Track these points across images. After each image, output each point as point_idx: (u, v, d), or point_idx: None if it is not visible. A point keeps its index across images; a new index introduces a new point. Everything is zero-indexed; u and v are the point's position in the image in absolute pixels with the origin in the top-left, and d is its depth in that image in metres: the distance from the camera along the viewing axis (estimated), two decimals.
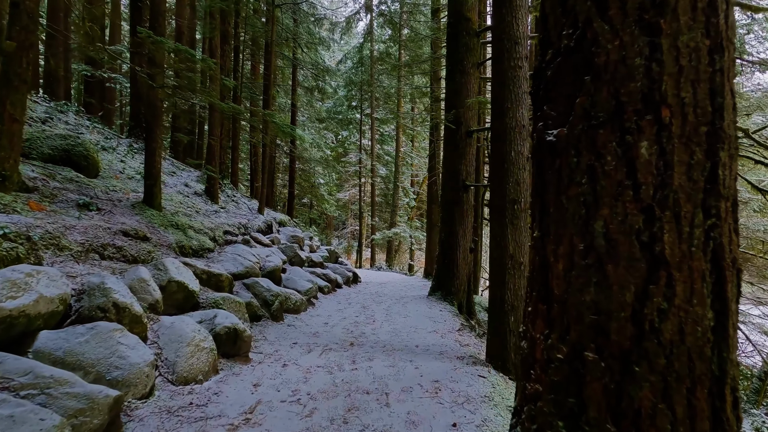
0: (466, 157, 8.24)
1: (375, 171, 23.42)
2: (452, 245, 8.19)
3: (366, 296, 9.03)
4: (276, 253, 7.91)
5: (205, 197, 8.97)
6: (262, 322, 5.68)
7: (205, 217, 7.70)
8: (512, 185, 4.36)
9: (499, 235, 4.38)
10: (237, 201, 10.62)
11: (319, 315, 6.82)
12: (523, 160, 4.42)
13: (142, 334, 3.50)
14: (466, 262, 8.27)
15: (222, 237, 7.28)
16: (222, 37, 10.38)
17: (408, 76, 17.86)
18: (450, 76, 8.42)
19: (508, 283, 4.32)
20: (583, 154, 1.39)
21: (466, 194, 8.20)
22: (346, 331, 5.90)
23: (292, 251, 8.63)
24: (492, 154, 4.56)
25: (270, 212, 11.67)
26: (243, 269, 6.19)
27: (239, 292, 5.69)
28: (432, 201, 15.39)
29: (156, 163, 6.11)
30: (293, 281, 7.42)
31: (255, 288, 5.96)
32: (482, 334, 6.90)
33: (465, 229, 8.20)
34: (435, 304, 8.03)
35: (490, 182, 4.54)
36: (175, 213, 6.78)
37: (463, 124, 8.19)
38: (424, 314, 7.22)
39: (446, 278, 8.25)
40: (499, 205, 4.41)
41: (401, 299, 8.66)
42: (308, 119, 23.07)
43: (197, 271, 5.09)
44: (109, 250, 4.62)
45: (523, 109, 4.43)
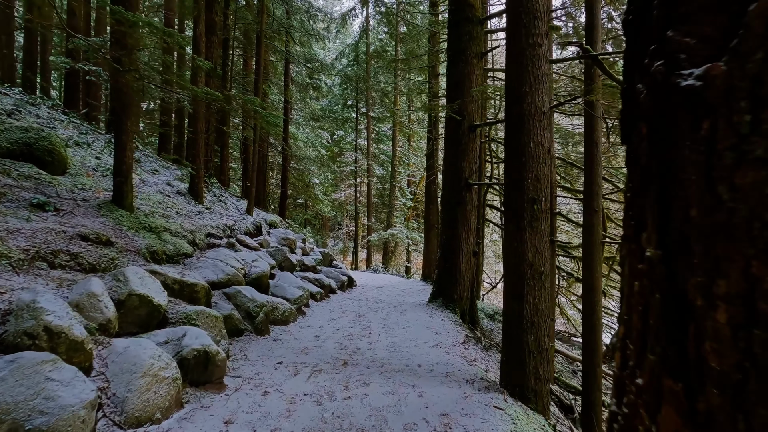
0: (469, 154, 7.59)
1: (371, 171, 22.75)
2: (454, 249, 7.54)
3: (362, 303, 8.35)
4: (264, 257, 7.23)
5: (188, 197, 8.27)
6: (245, 337, 4.99)
7: (186, 218, 7.00)
8: (531, 182, 3.72)
9: (516, 240, 3.73)
10: (225, 201, 9.92)
11: (309, 326, 6.14)
12: (544, 152, 3.77)
13: (84, 365, 2.81)
14: (470, 267, 7.62)
15: (204, 240, 6.59)
16: (208, 28, 9.67)
17: (405, 72, 17.20)
18: (451, 67, 7.78)
19: (526, 296, 3.67)
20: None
21: (469, 193, 7.56)
22: (339, 345, 5.23)
23: (282, 255, 7.95)
24: (507, 146, 3.91)
25: (260, 213, 10.98)
26: (224, 277, 5.50)
27: (218, 304, 5.00)
28: (430, 201, 14.74)
29: (127, 158, 5.42)
30: (282, 288, 6.74)
31: (237, 298, 5.27)
32: (488, 347, 6.26)
33: (468, 231, 7.56)
34: (436, 312, 7.37)
35: (506, 179, 3.89)
36: (150, 214, 6.08)
37: (466, 117, 7.54)
38: (425, 324, 6.56)
39: (448, 284, 7.59)
40: (516, 205, 3.76)
41: (399, 306, 7.99)
42: (303, 118, 22.37)
43: (168, 281, 4.40)
44: (62, 258, 3.92)
45: (543, 93, 3.79)
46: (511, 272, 3.77)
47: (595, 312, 6.10)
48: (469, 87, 7.50)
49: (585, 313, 6.08)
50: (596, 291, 6.13)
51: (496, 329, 8.52)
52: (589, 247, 6.01)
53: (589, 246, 6.02)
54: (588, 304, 6.04)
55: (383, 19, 18.84)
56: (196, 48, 8.49)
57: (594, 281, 6.06)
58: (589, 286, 6.01)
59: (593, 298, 6.01)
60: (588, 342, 5.98)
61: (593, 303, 5.98)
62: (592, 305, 5.98)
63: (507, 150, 3.93)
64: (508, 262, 3.81)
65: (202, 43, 8.54)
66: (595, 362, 6.09)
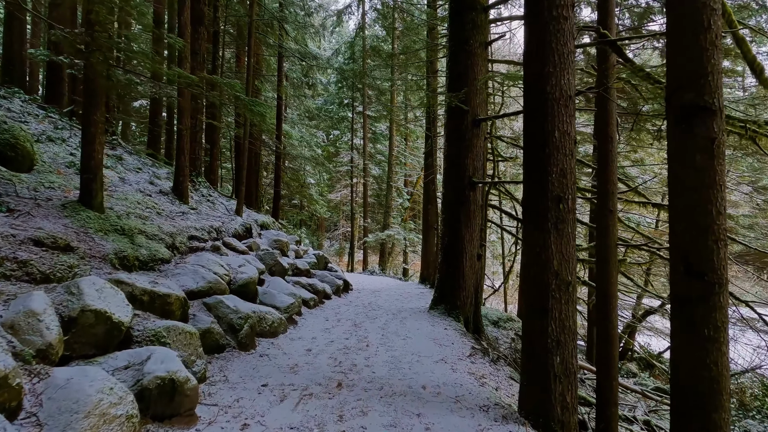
0: (473, 150, 7.03)
1: (367, 170, 22.17)
2: (457, 252, 6.97)
3: (358, 309, 7.77)
4: (252, 261, 6.62)
5: (172, 196, 7.65)
6: (226, 354, 4.39)
7: (167, 219, 6.39)
8: (556, 177, 3.16)
9: (538, 245, 3.16)
10: (213, 201, 9.30)
11: (301, 338, 5.55)
12: (570, 143, 3.21)
13: (9, 405, 2.21)
14: (474, 271, 7.06)
15: (185, 244, 5.98)
16: (196, 18, 9.06)
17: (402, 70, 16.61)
18: (453, 58, 7.21)
19: (551, 311, 3.10)
20: None
21: (473, 192, 7.00)
22: (333, 361, 4.64)
23: (273, 259, 7.34)
24: (527, 136, 3.35)
25: (251, 214, 10.36)
26: (205, 285, 4.89)
27: (197, 316, 4.40)
28: (429, 201, 14.18)
29: (96, 153, 4.81)
30: (272, 296, 6.14)
31: (218, 309, 4.67)
32: (496, 359, 5.70)
33: (472, 233, 6.99)
34: (438, 320, 6.80)
35: (525, 174, 3.32)
36: (125, 215, 5.46)
37: (470, 111, 6.98)
38: (428, 335, 5.98)
39: (450, 290, 7.02)
40: (538, 204, 3.20)
41: (399, 313, 7.41)
42: (298, 116, 21.74)
43: (135, 292, 3.80)
44: (6, 267, 3.31)
45: (569, 74, 3.23)
46: (531, 282, 3.21)
47: (611, 321, 5.57)
48: (473, 79, 6.95)
49: (600, 322, 5.53)
50: (612, 298, 5.60)
51: (501, 337, 7.96)
52: (604, 252, 5.46)
53: (603, 250, 5.47)
54: (603, 313, 5.49)
55: (380, 16, 18.28)
56: (181, 37, 7.87)
57: (610, 288, 5.53)
58: (604, 293, 5.46)
59: (608, 306, 5.47)
60: (603, 353, 5.44)
61: (608, 312, 5.44)
62: (607, 314, 5.44)
63: (526, 141, 3.36)
64: (528, 270, 3.25)
65: (187, 33, 7.92)
66: (611, 375, 5.55)
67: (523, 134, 3.42)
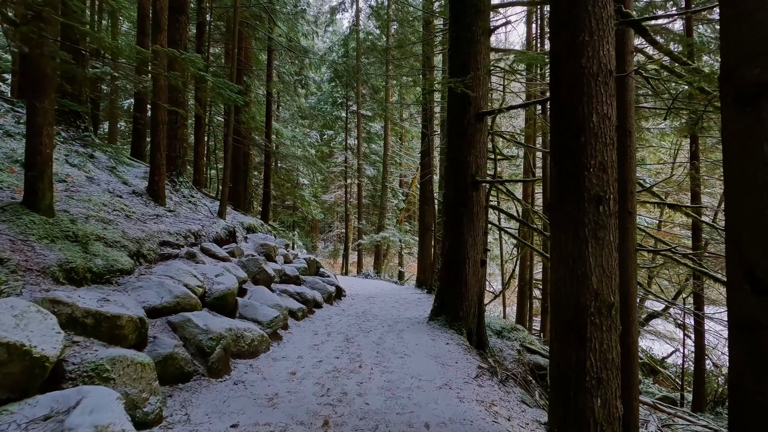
0: (475, 147, 6.37)
1: (362, 171, 21.49)
2: (459, 258, 6.30)
3: (351, 320, 7.07)
4: (233, 269, 5.91)
5: (146, 197, 6.91)
6: (193, 384, 3.68)
7: (136, 223, 5.66)
8: (595, 172, 2.49)
9: (572, 258, 2.49)
10: (195, 203, 8.56)
11: (285, 357, 4.84)
12: (611, 129, 2.55)
13: None
14: (477, 279, 6.39)
15: (155, 251, 5.25)
16: (176, 6, 8.33)
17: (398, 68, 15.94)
18: (454, 46, 6.55)
19: (590, 340, 2.43)
20: None
21: (476, 193, 6.33)
22: (320, 389, 3.94)
23: (257, 266, 6.62)
24: (556, 121, 2.68)
25: (238, 216, 9.62)
26: (171, 300, 4.17)
27: (157, 339, 3.68)
28: (425, 202, 13.52)
29: (43, 147, 4.07)
30: (253, 308, 5.43)
31: (185, 329, 3.96)
32: (505, 379, 5.03)
33: (475, 237, 6.33)
34: (439, 333, 6.12)
35: (554, 167, 2.65)
36: (82, 219, 4.73)
37: (473, 104, 6.32)
38: (428, 351, 5.30)
39: (452, 299, 6.35)
40: (572, 206, 2.53)
41: (395, 324, 6.72)
42: (291, 116, 21.00)
43: (76, 314, 3.08)
44: None
45: (609, 44, 2.57)
46: (564, 304, 2.54)
47: (631, 335, 4.94)
48: (476, 68, 6.29)
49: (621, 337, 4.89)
50: (632, 309, 4.97)
51: (506, 349, 7.29)
52: (623, 256, 4.83)
53: (622, 255, 4.85)
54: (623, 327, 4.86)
55: (374, 12, 17.60)
56: (156, 24, 7.14)
57: (629, 299, 4.90)
58: (623, 304, 4.82)
59: (628, 318, 4.84)
60: (625, 371, 4.80)
61: (628, 325, 4.81)
62: (626, 327, 4.80)
63: (555, 128, 2.69)
64: (559, 289, 2.58)
65: (164, 20, 7.19)
66: (632, 395, 4.93)
67: (551, 120, 2.75)
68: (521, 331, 7.95)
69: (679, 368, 13.39)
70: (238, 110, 11.73)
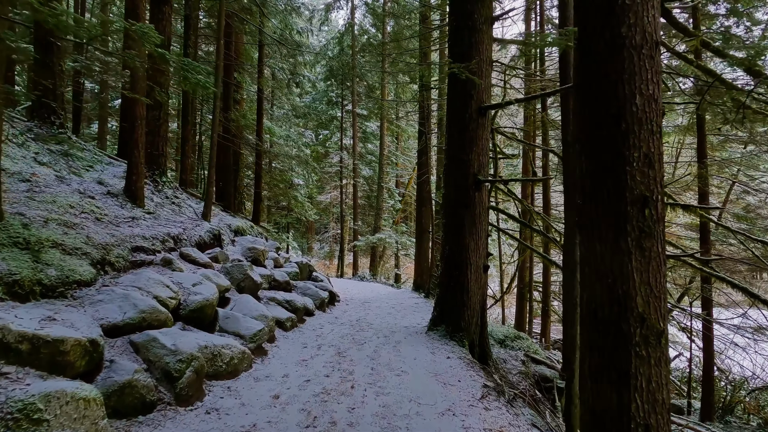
0: (478, 143, 5.86)
1: (357, 171, 20.94)
2: (460, 263, 5.79)
3: (344, 329, 6.54)
4: (214, 277, 5.36)
5: (123, 198, 6.36)
6: (156, 414, 3.14)
7: (107, 227, 5.11)
8: (639, 167, 1.98)
9: (611, 273, 1.98)
10: (179, 204, 8.00)
11: (269, 376, 4.31)
12: (658, 114, 2.04)
13: None
14: (479, 286, 5.89)
15: (125, 258, 4.70)
16: None
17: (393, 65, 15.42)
18: (455, 36, 6.04)
19: (635, 376, 1.92)
20: None
21: (478, 193, 5.83)
22: (306, 418, 3.41)
23: (242, 272, 6.08)
24: (586, 104, 2.16)
25: (225, 218, 9.08)
26: (135, 315, 3.63)
27: (115, 363, 3.14)
28: (422, 203, 13.01)
29: None
30: (235, 320, 4.89)
31: (150, 350, 3.42)
32: (513, 398, 4.52)
33: (478, 240, 5.82)
34: (439, 345, 5.60)
35: (588, 161, 2.14)
36: (40, 223, 4.18)
37: (475, 97, 5.82)
38: (428, 367, 4.78)
39: (453, 308, 5.84)
40: (610, 207, 2.02)
41: (392, 335, 6.20)
42: (285, 115, 20.44)
43: (8, 339, 2.54)
44: None
45: (655, 9, 2.07)
46: (600, 330, 2.03)
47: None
48: (478, 59, 5.78)
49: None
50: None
51: (509, 359, 6.80)
52: None
53: None
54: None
55: (369, 9, 17.08)
56: (133, 13, 6.58)
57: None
58: None
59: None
60: None
61: None
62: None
63: (586, 112, 2.17)
64: (592, 311, 2.06)
65: (142, 7, 6.63)
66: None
67: (577, 105, 2.24)
68: (525, 340, 7.45)
69: (682, 373, 12.94)
70: (227, 107, 11.17)
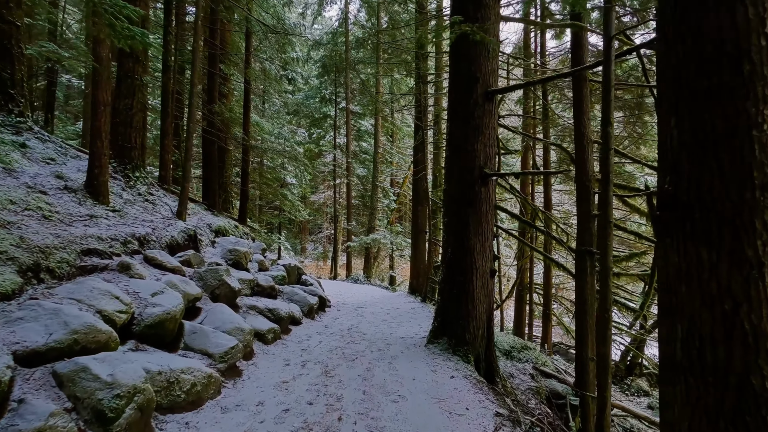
0: (484, 132, 5.14)
1: (351, 170, 20.19)
2: (465, 268, 5.06)
3: (333, 341, 5.78)
4: (181, 284, 4.58)
5: (83, 194, 5.55)
6: None
7: (55, 226, 4.31)
8: None
9: (732, 295, 1.26)
10: (154, 202, 7.19)
11: (240, 405, 3.54)
12: None
13: None
14: (486, 293, 5.16)
15: (70, 263, 3.91)
16: None
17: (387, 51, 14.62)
18: (458, 5, 5.30)
19: None
20: None
21: (484, 188, 5.10)
22: None
23: (217, 278, 5.30)
24: (677, 39, 1.44)
25: (206, 217, 8.28)
26: (64, 337, 2.85)
27: (26, 404, 2.36)
28: (418, 202, 12.28)
29: None
30: (203, 336, 4.12)
31: (77, 383, 2.63)
32: (530, 427, 3.80)
33: (484, 242, 5.09)
34: (441, 361, 4.85)
35: (678, 126, 1.40)
36: None
37: (481, 80, 5.09)
38: (429, 390, 4.04)
39: (456, 318, 5.10)
40: (721, 195, 1.29)
41: (387, 348, 5.45)
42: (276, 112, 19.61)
43: None
44: None
45: None
46: (708, 380, 1.30)
47: None
48: (487, 23, 5.05)
49: None
50: None
51: (517, 374, 6.08)
52: None
53: None
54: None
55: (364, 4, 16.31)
56: None
57: None
58: None
59: None
60: None
61: None
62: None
63: (676, 50, 1.45)
64: (695, 347, 1.34)
65: None
66: None
67: (664, 43, 1.51)
68: (532, 350, 6.74)
69: None
70: (212, 98, 10.35)
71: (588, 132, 6.02)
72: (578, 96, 6.07)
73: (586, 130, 6.01)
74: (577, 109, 6.11)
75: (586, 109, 6.08)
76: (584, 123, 6.05)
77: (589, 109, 6.12)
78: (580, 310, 5.85)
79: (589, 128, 6.04)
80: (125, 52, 7.23)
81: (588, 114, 6.08)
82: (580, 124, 6.04)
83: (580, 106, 6.05)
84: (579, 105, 6.07)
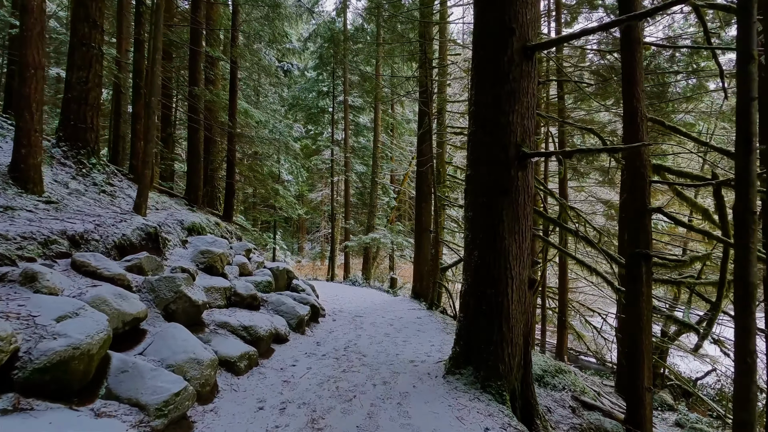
0: (522, 100, 3.86)
1: (349, 166, 18.87)
2: (497, 275, 3.78)
3: (326, 369, 4.48)
4: (115, 300, 3.28)
5: (4, 180, 4.25)
6: None
7: None
8: None
9: None
10: (112, 193, 5.90)
11: None
12: None
13: None
14: (523, 309, 3.88)
15: None
16: None
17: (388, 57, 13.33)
18: None
19: None
20: None
21: (522, 172, 3.83)
22: None
23: (173, 289, 4.00)
24: None
25: (178, 212, 6.97)
26: None
27: None
28: (422, 198, 10.99)
29: None
30: (137, 377, 2.82)
31: None
32: None
33: (522, 242, 3.82)
34: (467, 401, 3.56)
35: None
36: None
37: (517, 32, 3.81)
38: None
39: (486, 342, 3.81)
40: None
41: (394, 379, 4.15)
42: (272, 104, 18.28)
43: None
44: None
45: None
46: None
47: None
48: None
49: None
50: None
51: (554, 405, 4.80)
52: None
53: None
54: None
55: None
56: None
57: None
58: None
59: None
60: None
61: None
62: None
63: None
64: None
65: None
66: None
67: None
68: (568, 374, 5.47)
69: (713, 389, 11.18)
70: (194, 80, 9.04)
71: (642, 107, 4.77)
72: (629, 62, 4.81)
73: (639, 104, 4.75)
74: (627, 80, 4.85)
75: (639, 79, 4.82)
76: (637, 96, 4.79)
77: (642, 79, 4.86)
78: (633, 327, 4.60)
79: (642, 102, 4.79)
80: (79, 15, 5.93)
81: (641, 85, 4.82)
82: (632, 97, 4.78)
83: (633, 75, 4.79)
84: (630, 74, 4.81)
